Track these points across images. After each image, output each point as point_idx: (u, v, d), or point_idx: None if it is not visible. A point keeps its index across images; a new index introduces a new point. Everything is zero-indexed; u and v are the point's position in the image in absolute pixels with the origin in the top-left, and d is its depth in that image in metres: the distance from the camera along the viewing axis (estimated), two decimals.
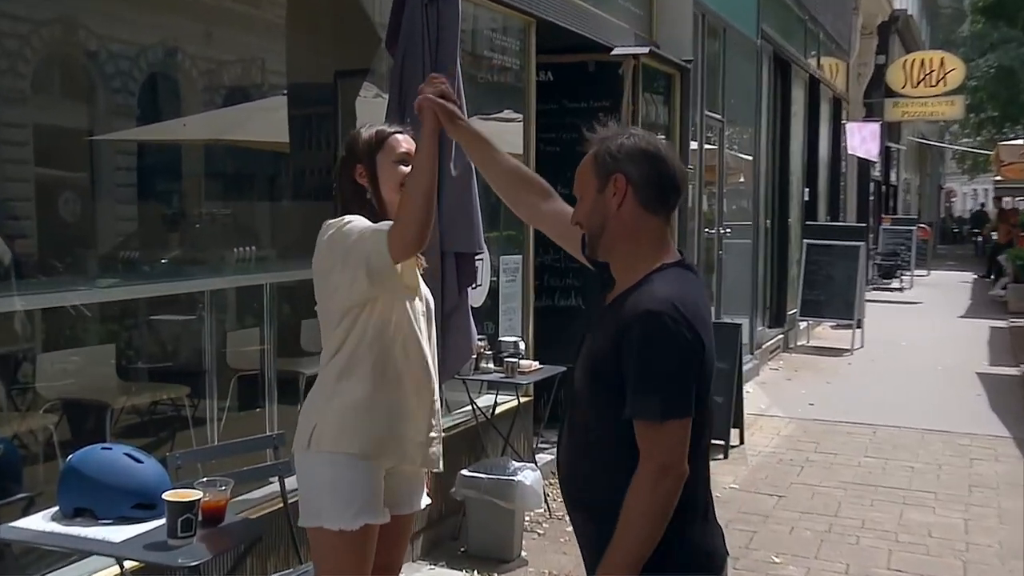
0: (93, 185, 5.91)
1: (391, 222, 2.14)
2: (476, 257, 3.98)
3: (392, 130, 2.27)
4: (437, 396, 2.31)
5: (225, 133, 5.50)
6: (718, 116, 8.17)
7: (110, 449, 2.41)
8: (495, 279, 5.42)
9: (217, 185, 5.77)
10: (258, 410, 4.70)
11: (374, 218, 2.24)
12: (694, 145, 7.34)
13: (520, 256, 5.56)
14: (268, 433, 3.66)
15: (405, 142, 2.31)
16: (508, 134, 5.70)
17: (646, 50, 6.28)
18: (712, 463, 6.03)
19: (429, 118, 2.02)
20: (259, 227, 5.53)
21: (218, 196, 5.88)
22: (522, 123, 5.45)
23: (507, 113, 6.02)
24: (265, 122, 5.29)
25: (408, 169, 2.25)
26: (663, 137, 6.56)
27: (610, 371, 1.64)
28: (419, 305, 2.32)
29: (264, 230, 5.46)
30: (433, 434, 2.25)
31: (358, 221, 2.22)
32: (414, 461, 2.22)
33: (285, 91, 5.22)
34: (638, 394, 1.61)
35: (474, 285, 4.01)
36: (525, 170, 2.18)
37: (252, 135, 5.38)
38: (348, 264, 2.10)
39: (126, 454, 2.43)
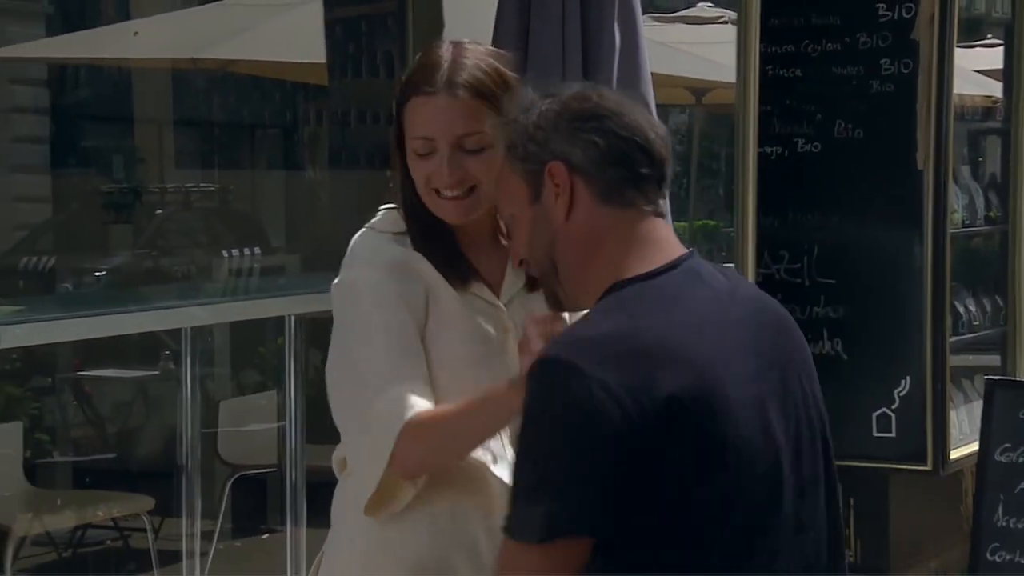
0: None
1: (416, 398, 2.21)
2: None
3: (428, 79, 2.35)
4: None
5: (208, 48, 5.74)
6: None
7: None
8: None
9: (195, 141, 6.04)
10: (269, 536, 4.86)
11: (425, 222, 2.36)
12: None
13: (731, 266, 5.54)
14: None
15: (434, 109, 2.36)
16: (711, 44, 5.75)
17: None
18: None
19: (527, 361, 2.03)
20: (271, 214, 5.86)
21: (197, 160, 6.14)
22: (736, 26, 5.48)
23: (705, 7, 6.06)
24: (282, 29, 5.51)
25: (430, 165, 2.35)
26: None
27: None
28: (507, 355, 2.42)
29: (278, 219, 5.77)
30: None
31: (368, 292, 2.29)
32: None
33: None
34: (515, 500, 1.73)
35: None
36: None
37: (257, 51, 5.62)
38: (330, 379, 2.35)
39: None
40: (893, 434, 5.23)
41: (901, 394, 5.26)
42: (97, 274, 5.79)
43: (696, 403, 1.68)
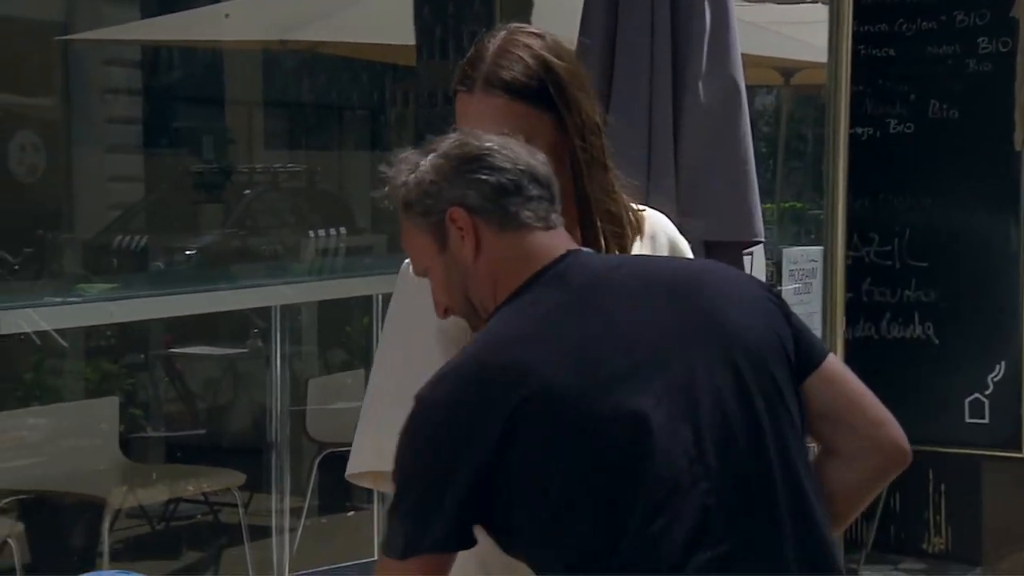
0: (67, 119, 6.36)
1: None
2: (747, 251, 3.97)
3: (462, 75, 2.31)
4: None
5: (297, 30, 5.81)
6: None
7: None
8: (775, 287, 5.37)
9: (284, 122, 6.10)
10: (355, 513, 4.93)
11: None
12: None
13: (820, 248, 5.50)
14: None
15: (470, 106, 2.17)
16: (801, 24, 5.70)
17: None
18: None
19: None
20: (358, 195, 5.89)
21: (286, 141, 6.20)
22: (828, 5, 5.45)
23: None
24: (370, 10, 5.54)
25: None
26: None
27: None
28: None
29: (365, 200, 5.71)
30: None
31: (406, 299, 2.29)
32: None
33: None
34: (387, 516, 1.88)
35: None
36: None
37: (346, 33, 5.63)
38: None
39: None
40: (986, 420, 5.15)
41: (995, 379, 5.18)
42: (188, 253, 5.87)
43: (529, 410, 1.83)
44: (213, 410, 5.79)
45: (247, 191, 5.85)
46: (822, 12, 5.49)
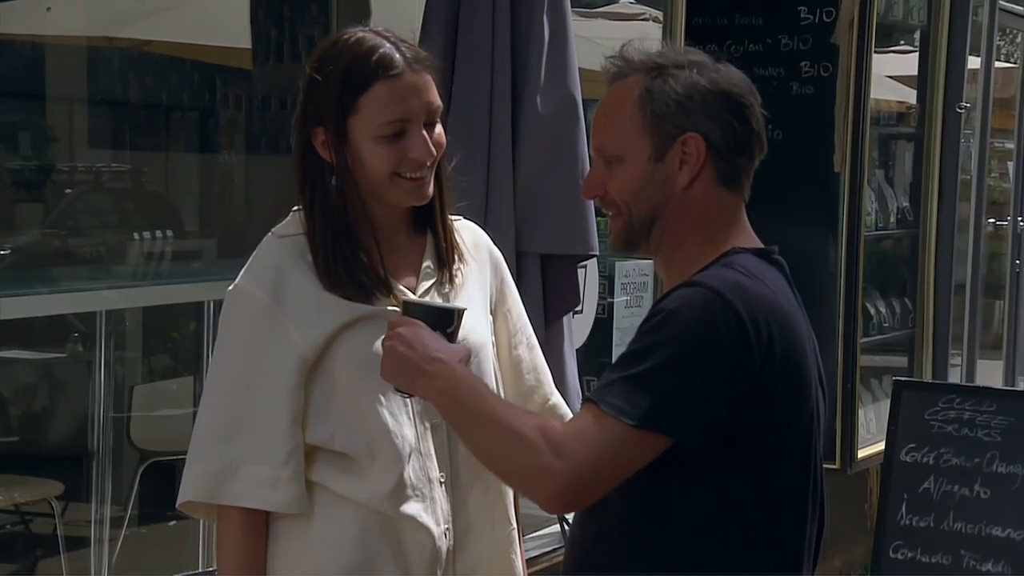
0: None
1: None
2: (581, 264, 4.02)
3: (389, 61, 2.35)
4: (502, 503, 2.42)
5: (124, 27, 5.68)
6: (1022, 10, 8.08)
7: None
8: (607, 299, 5.43)
9: (108, 121, 5.96)
10: (178, 523, 4.84)
11: (341, 226, 2.34)
12: (974, 63, 7.31)
13: (651, 263, 5.58)
14: (204, 569, 3.74)
15: (404, 89, 2.28)
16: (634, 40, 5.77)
17: None
18: None
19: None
20: (186, 197, 5.71)
21: (110, 140, 6.07)
22: (661, 25, 5.54)
23: (627, 3, 6.09)
24: (201, 10, 5.44)
25: (402, 147, 2.31)
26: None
27: None
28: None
29: (192, 203, 5.64)
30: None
31: (243, 327, 2.30)
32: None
33: None
34: (623, 381, 1.85)
35: (575, 311, 4.07)
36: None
37: (175, 33, 5.52)
38: None
39: None
40: None
41: None
42: (2, 253, 5.68)
43: (790, 353, 1.92)
44: (29, 417, 5.63)
45: (68, 190, 5.68)
46: (653, 29, 5.59)
